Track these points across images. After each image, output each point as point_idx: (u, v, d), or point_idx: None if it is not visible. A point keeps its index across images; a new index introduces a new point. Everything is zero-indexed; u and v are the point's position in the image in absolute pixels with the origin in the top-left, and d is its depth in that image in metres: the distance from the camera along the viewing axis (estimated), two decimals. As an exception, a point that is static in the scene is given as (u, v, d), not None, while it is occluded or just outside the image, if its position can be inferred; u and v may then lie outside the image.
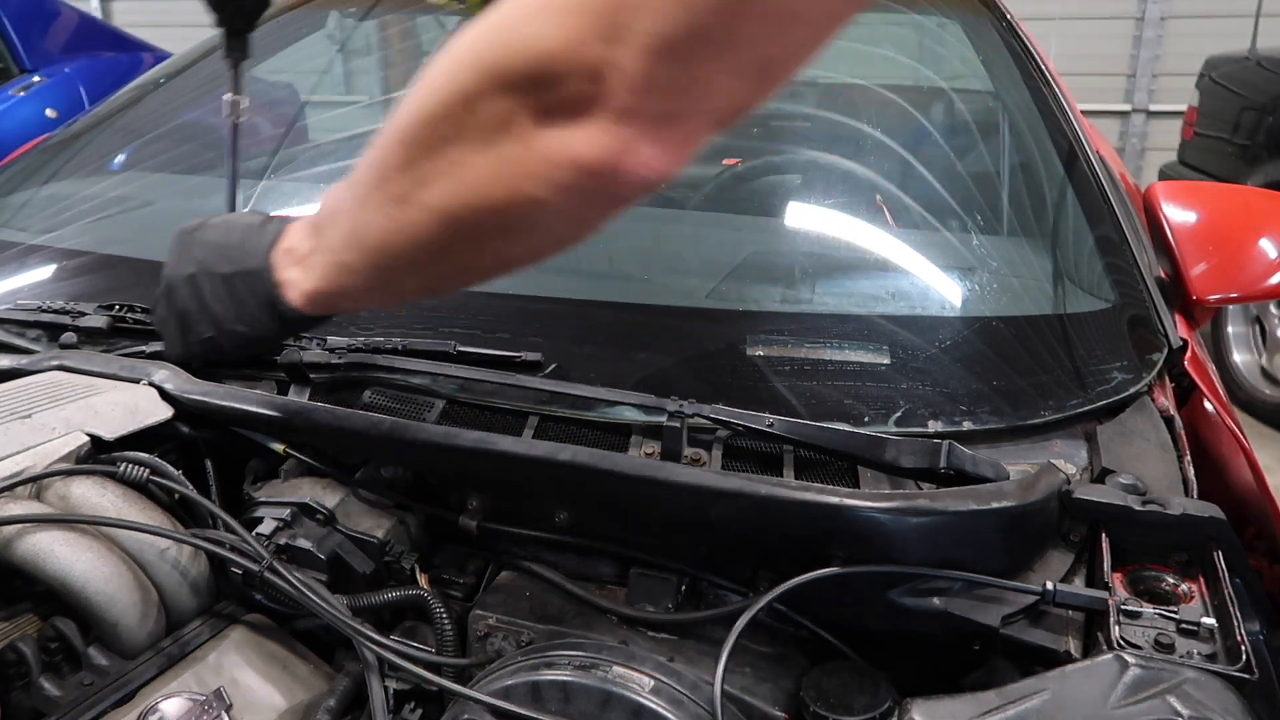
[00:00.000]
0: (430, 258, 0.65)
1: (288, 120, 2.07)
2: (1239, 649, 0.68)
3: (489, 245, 0.62)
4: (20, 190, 1.63)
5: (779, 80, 0.53)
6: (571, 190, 0.54)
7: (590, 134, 0.52)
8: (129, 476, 0.88)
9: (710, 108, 0.52)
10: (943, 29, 1.87)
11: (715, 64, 0.49)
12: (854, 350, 1.06)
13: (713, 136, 0.55)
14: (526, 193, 0.56)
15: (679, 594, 0.86)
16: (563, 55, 0.50)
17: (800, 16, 0.49)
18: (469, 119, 0.56)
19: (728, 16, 0.47)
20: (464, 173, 0.58)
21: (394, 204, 0.63)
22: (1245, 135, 3.87)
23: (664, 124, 0.52)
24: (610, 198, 0.56)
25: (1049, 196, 1.41)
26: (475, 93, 0.55)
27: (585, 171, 0.53)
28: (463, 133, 0.56)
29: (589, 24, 0.49)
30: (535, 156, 0.54)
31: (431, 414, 0.98)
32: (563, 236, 0.62)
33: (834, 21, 0.50)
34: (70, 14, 4.72)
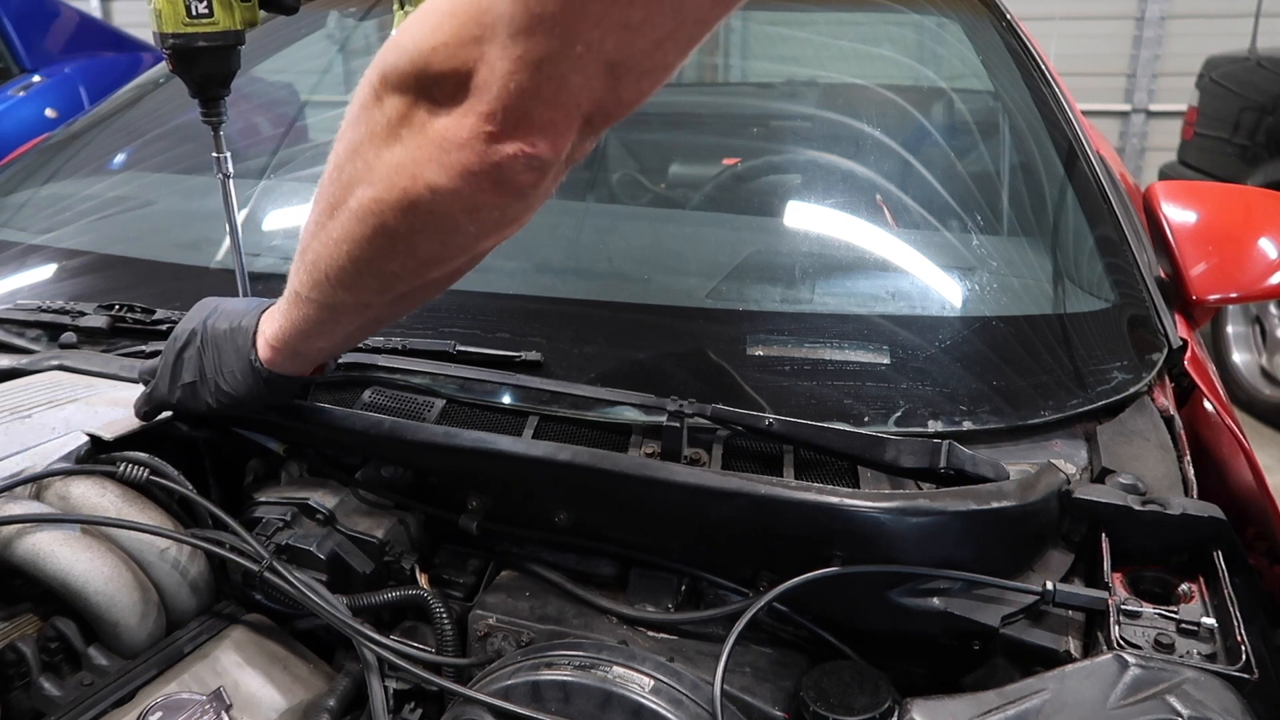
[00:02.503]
0: (358, 267, 0.71)
1: (288, 120, 2.07)
2: (1239, 649, 0.68)
3: (404, 245, 0.68)
4: (20, 190, 1.63)
5: (638, 83, 0.59)
6: (465, 174, 0.61)
7: (470, 121, 0.59)
8: (129, 476, 0.88)
9: (570, 102, 0.58)
10: (943, 29, 1.87)
11: (562, 62, 0.56)
12: (854, 350, 1.06)
13: (592, 132, 0.61)
14: (427, 179, 0.62)
15: (679, 594, 0.86)
16: (441, 54, 0.58)
17: (632, 27, 0.54)
18: (374, 118, 0.63)
19: (564, 19, 0.53)
20: (374, 168, 0.64)
21: (327, 217, 0.69)
22: (1245, 135, 3.87)
23: (531, 113, 0.58)
24: (502, 185, 0.61)
25: (1049, 196, 1.41)
26: (376, 94, 0.63)
27: (473, 154, 0.60)
28: (371, 133, 0.64)
29: (460, 26, 0.57)
30: (429, 143, 0.61)
31: (431, 414, 0.98)
32: (473, 232, 0.67)
33: (674, 36, 0.56)
34: (70, 14, 4.72)
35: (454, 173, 0.61)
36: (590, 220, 1.53)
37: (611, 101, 0.59)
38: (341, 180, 0.67)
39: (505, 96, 0.57)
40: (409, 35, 0.60)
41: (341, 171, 0.67)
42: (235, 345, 0.85)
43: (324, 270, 0.72)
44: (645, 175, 1.77)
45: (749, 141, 1.84)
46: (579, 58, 0.55)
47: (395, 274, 0.72)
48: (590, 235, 1.47)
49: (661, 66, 0.59)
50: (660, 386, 0.96)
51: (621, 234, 1.50)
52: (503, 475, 0.89)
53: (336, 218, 0.69)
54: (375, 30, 2.25)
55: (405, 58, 0.60)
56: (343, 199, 0.68)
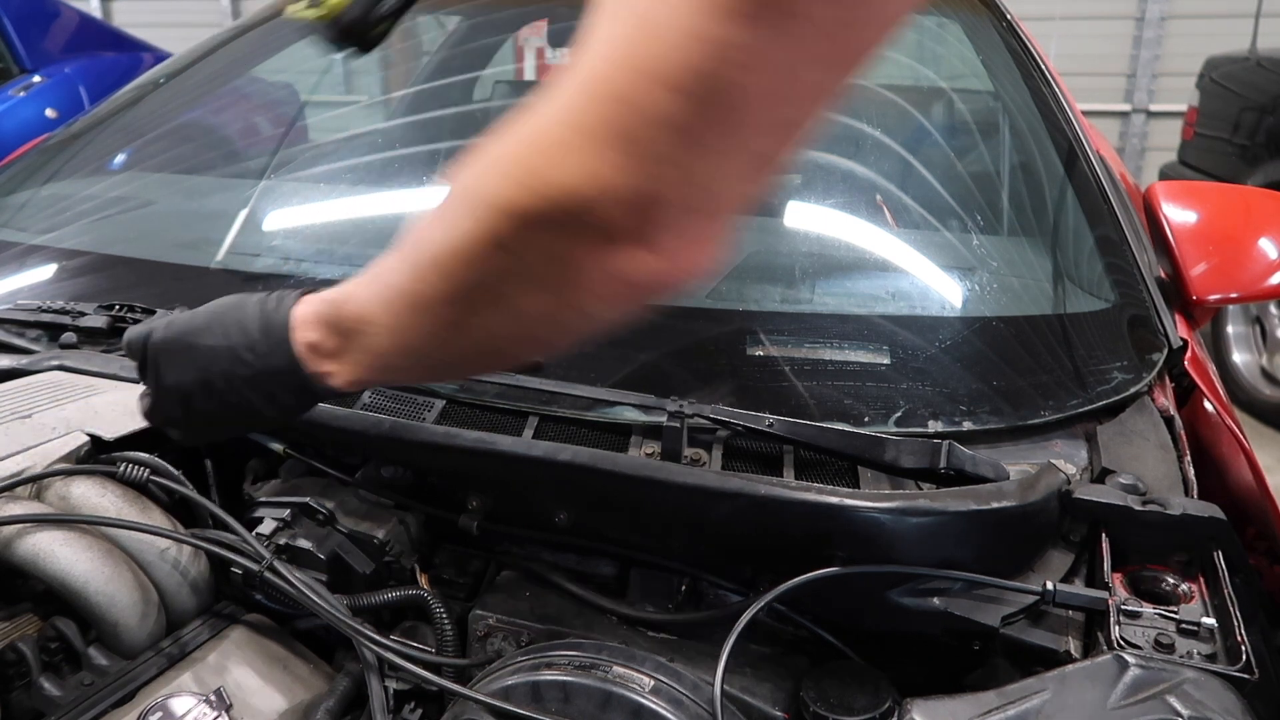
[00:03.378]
0: (484, 361, 0.72)
1: (288, 120, 2.07)
2: (1239, 649, 0.68)
3: (537, 348, 0.70)
4: (20, 190, 1.63)
5: (778, 163, 0.56)
6: (630, 304, 0.58)
7: (638, 254, 0.53)
8: (129, 476, 0.88)
9: (729, 203, 0.54)
10: (943, 29, 1.87)
11: (729, 173, 0.52)
12: (854, 350, 1.06)
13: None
14: (595, 317, 0.60)
15: (679, 594, 0.86)
16: (593, 192, 0.51)
17: (790, 124, 0.52)
18: (512, 260, 0.56)
19: (732, 128, 0.49)
20: (525, 307, 0.59)
21: (445, 329, 0.64)
22: (1245, 135, 3.87)
23: (696, 229, 0.54)
24: (655, 299, 0.58)
25: (1049, 196, 1.41)
26: (509, 234, 0.55)
27: (644, 288, 0.56)
28: (512, 273, 0.57)
29: (607, 155, 0.50)
30: (597, 286, 0.56)
31: (431, 414, 0.98)
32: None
33: (811, 113, 0.53)
34: (70, 14, 4.72)
35: (622, 306, 0.58)
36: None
37: (760, 189, 0.56)
38: (466, 306, 0.61)
39: (669, 221, 0.52)
40: (540, 175, 0.52)
41: (464, 299, 0.61)
42: (282, 384, 0.77)
43: (440, 361, 0.70)
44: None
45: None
46: (743, 165, 0.52)
47: (518, 357, 0.72)
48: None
49: (797, 143, 0.55)
50: (660, 386, 0.96)
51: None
52: (503, 475, 0.89)
53: (462, 334, 0.64)
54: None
55: (546, 199, 0.52)
56: (469, 322, 0.62)
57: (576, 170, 0.51)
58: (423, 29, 2.39)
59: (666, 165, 0.50)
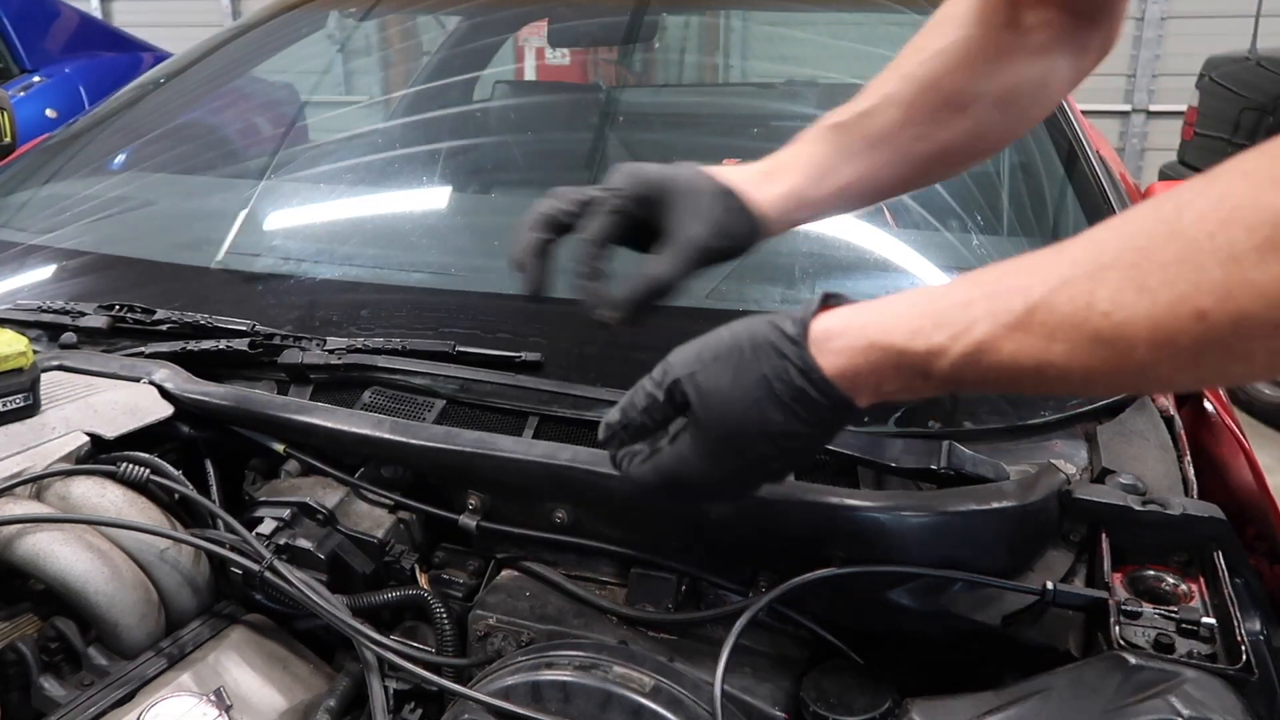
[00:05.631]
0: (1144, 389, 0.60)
1: (288, 120, 2.07)
2: (1239, 649, 0.68)
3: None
4: (20, 190, 1.63)
5: None
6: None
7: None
8: (129, 476, 0.88)
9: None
10: (943, 29, 1.86)
11: None
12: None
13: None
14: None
15: (679, 594, 0.86)
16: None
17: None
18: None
19: None
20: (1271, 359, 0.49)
21: (1141, 371, 0.52)
22: (1245, 135, 3.87)
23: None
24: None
25: (1049, 196, 1.41)
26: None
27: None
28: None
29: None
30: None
31: (431, 414, 0.98)
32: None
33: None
34: (70, 14, 4.72)
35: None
36: (590, 220, 1.53)
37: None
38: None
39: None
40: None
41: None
42: (837, 418, 0.67)
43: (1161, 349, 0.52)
44: (645, 175, 1.77)
45: (749, 142, 1.83)
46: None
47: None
48: (590, 235, 1.47)
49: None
50: (660, 386, 0.96)
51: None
52: (502, 475, 0.89)
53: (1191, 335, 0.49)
54: (375, 30, 2.26)
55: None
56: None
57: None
58: (422, 29, 2.39)
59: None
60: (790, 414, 0.65)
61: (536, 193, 1.76)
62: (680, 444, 0.69)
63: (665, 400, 0.69)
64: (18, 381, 0.91)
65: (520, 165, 1.78)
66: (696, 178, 0.82)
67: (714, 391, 0.66)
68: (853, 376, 0.63)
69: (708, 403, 0.67)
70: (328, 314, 1.18)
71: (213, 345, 1.06)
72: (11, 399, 0.90)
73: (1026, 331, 0.55)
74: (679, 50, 2.46)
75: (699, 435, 0.68)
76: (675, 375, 0.68)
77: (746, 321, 0.69)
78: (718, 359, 0.67)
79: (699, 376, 0.67)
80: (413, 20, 2.35)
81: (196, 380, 1.00)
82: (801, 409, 0.64)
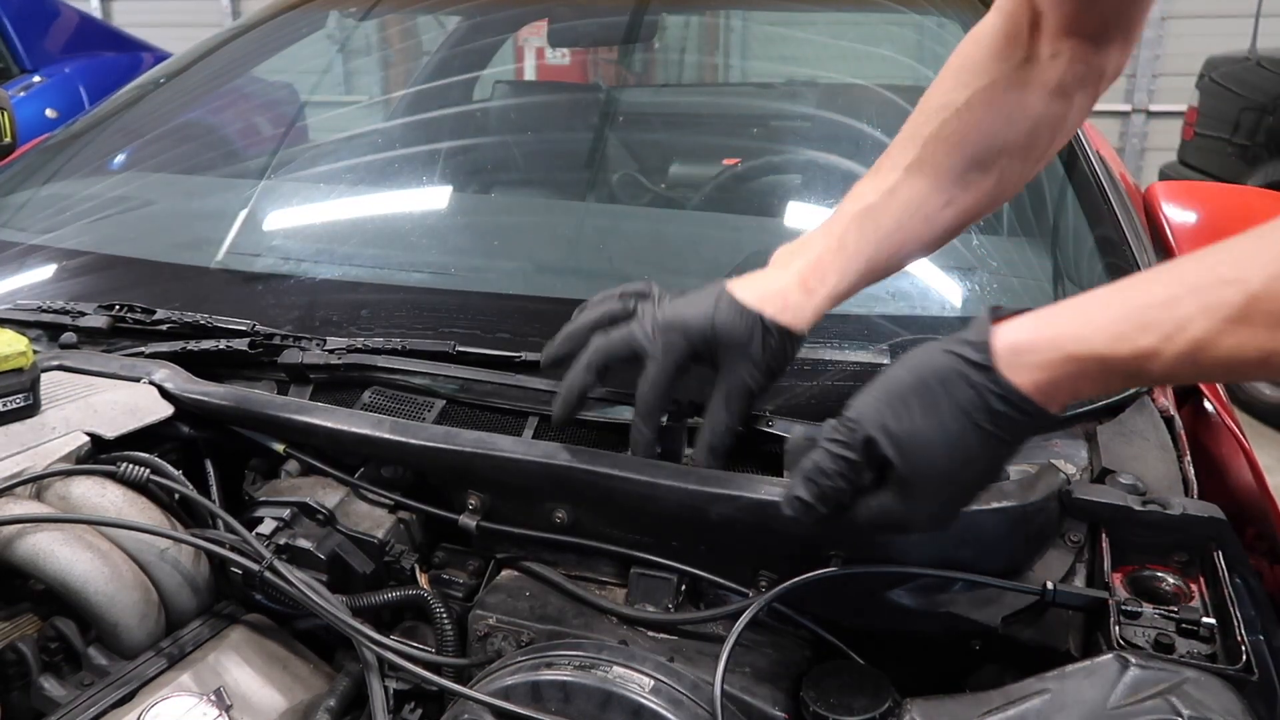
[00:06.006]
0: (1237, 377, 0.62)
1: (288, 120, 2.07)
2: (1239, 649, 0.68)
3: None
4: (20, 190, 1.63)
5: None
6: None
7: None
8: (129, 476, 0.88)
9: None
10: (942, 29, 1.86)
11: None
12: (854, 350, 1.06)
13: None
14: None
15: (679, 594, 0.86)
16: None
17: None
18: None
19: None
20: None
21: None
22: (1245, 135, 3.87)
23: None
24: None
25: (1049, 196, 1.41)
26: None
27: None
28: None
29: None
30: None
31: (431, 414, 0.98)
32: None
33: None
34: (70, 14, 4.72)
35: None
36: (590, 220, 1.53)
37: None
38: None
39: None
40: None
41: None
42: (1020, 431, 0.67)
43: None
44: (645, 175, 1.77)
45: (749, 142, 1.83)
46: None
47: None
48: (590, 235, 1.47)
49: None
50: (660, 386, 0.96)
51: (622, 234, 1.50)
52: (502, 475, 0.89)
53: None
54: (375, 30, 2.26)
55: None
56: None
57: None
58: (422, 29, 2.39)
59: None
60: (992, 439, 0.65)
61: (536, 192, 1.75)
62: (883, 497, 0.69)
63: (863, 459, 0.68)
64: (18, 381, 0.91)
65: (520, 165, 1.78)
66: (738, 321, 0.82)
67: (912, 437, 0.66)
68: (1050, 389, 0.63)
69: (908, 450, 0.66)
70: (328, 314, 1.18)
71: (213, 345, 1.06)
72: (11, 399, 0.90)
73: (1248, 324, 0.55)
74: (679, 50, 2.46)
75: (903, 485, 0.68)
76: (867, 430, 0.67)
77: (919, 356, 0.68)
78: (906, 403, 0.67)
79: (893, 426, 0.67)
80: (413, 20, 2.35)
81: (196, 380, 1.00)
82: (1003, 431, 0.65)
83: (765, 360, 0.82)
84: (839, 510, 0.70)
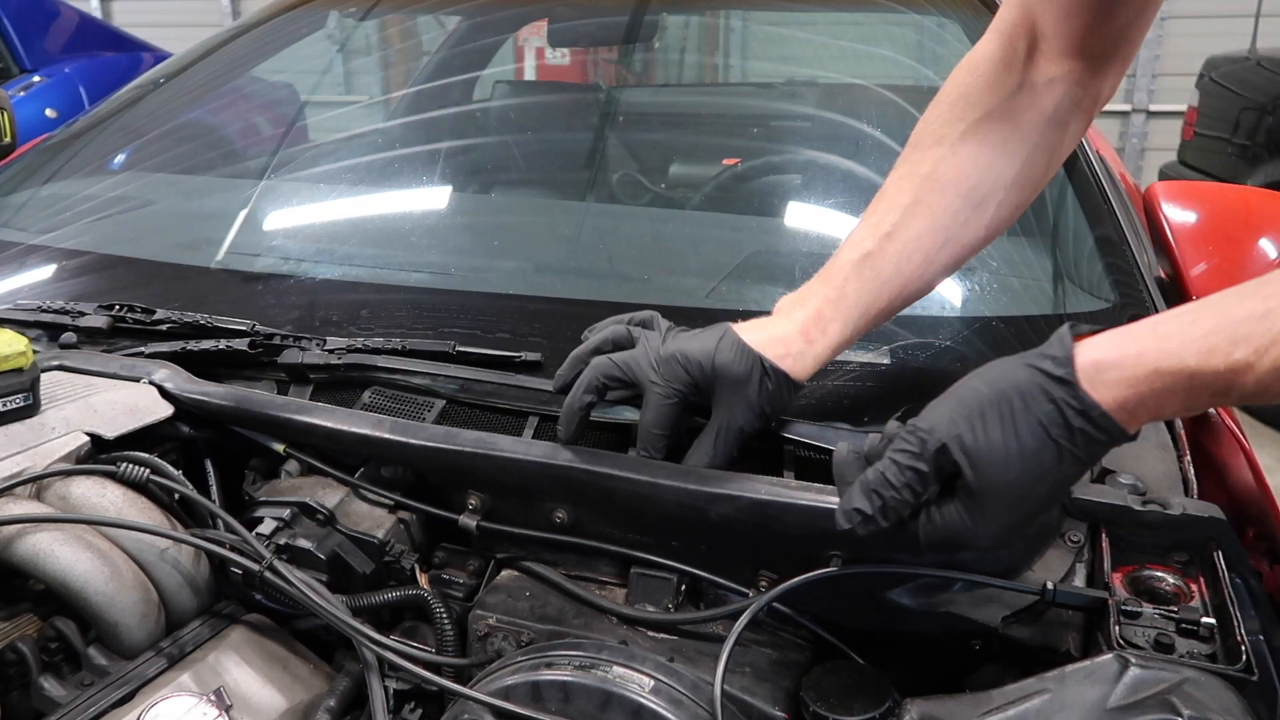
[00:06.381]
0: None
1: (288, 120, 2.07)
2: (1239, 649, 0.68)
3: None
4: (20, 190, 1.63)
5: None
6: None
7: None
8: (129, 476, 0.88)
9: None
10: (942, 29, 1.86)
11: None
12: (854, 350, 1.06)
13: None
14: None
15: (679, 594, 0.86)
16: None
17: None
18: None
19: None
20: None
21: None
22: (1245, 135, 3.87)
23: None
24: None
25: (1049, 196, 1.40)
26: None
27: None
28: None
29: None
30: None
31: (431, 414, 0.98)
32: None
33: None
34: (70, 14, 4.72)
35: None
36: (590, 220, 1.53)
37: None
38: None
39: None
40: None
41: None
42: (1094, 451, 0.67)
43: None
44: (645, 175, 1.77)
45: (749, 142, 1.83)
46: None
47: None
48: (590, 235, 1.47)
49: None
50: (660, 386, 0.96)
51: (621, 234, 1.50)
52: (502, 475, 0.89)
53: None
54: (375, 30, 2.26)
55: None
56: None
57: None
58: (423, 29, 2.39)
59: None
60: (1068, 457, 0.65)
61: (536, 192, 1.76)
62: (948, 512, 0.68)
63: (932, 471, 0.67)
64: (18, 381, 0.91)
65: (520, 165, 1.78)
66: (738, 360, 0.82)
67: (987, 450, 0.65)
68: (1133, 407, 0.63)
69: (981, 463, 0.65)
70: (328, 314, 1.18)
71: (212, 345, 1.06)
72: (11, 399, 0.90)
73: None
74: (679, 50, 2.46)
75: (971, 500, 0.67)
76: (940, 440, 0.66)
77: (998, 369, 0.68)
78: (983, 415, 0.66)
79: (966, 438, 0.66)
80: (413, 20, 2.35)
81: (196, 380, 1.00)
82: (1079, 449, 0.64)
83: (761, 403, 0.83)
84: (899, 524, 0.69)
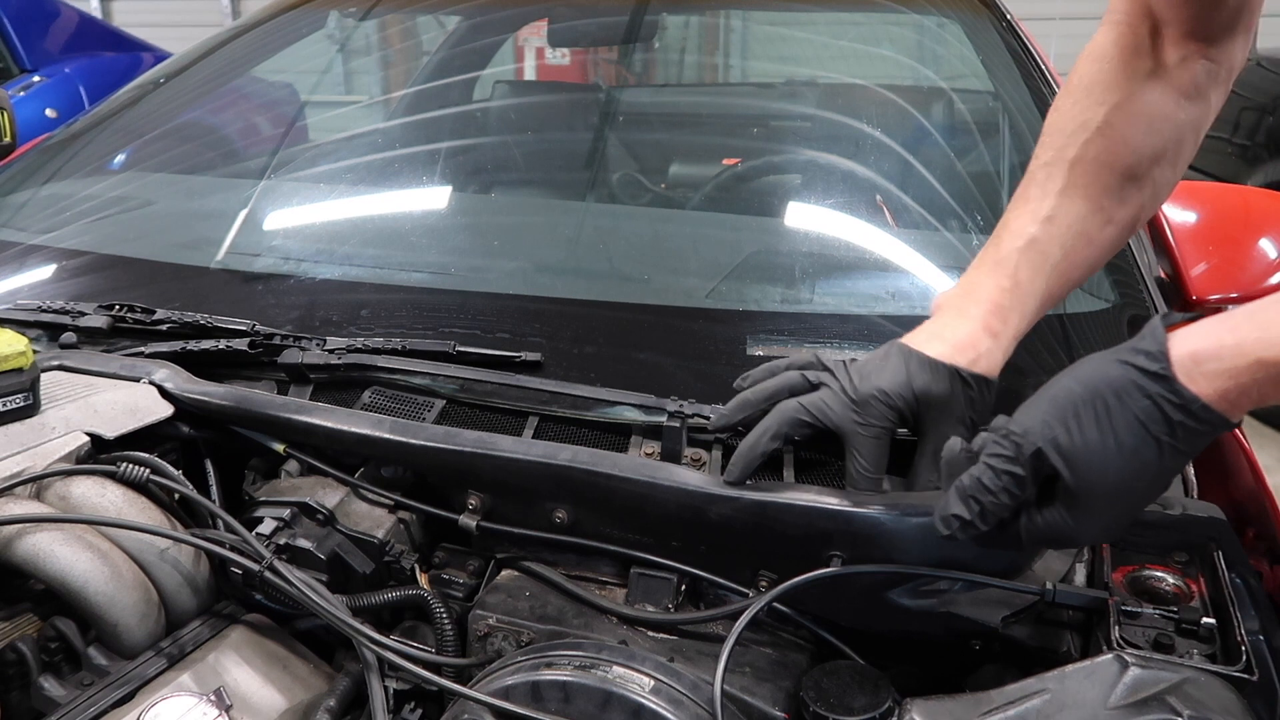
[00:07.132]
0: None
1: (288, 120, 2.07)
2: (1239, 649, 0.68)
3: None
4: (20, 190, 1.63)
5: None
6: None
7: None
8: (129, 476, 0.88)
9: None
10: (943, 29, 1.87)
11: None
12: (854, 350, 1.06)
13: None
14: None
15: (679, 594, 0.86)
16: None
17: None
18: None
19: None
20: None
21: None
22: (1245, 135, 3.87)
23: None
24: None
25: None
26: None
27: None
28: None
29: None
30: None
31: (431, 414, 0.98)
32: None
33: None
34: (70, 14, 4.72)
35: None
36: (590, 220, 1.53)
37: None
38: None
39: None
40: None
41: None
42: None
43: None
44: (645, 175, 1.77)
45: (749, 142, 1.84)
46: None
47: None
48: (590, 235, 1.47)
49: None
50: (660, 387, 0.96)
51: (621, 234, 1.50)
52: (502, 475, 0.89)
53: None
54: (375, 30, 2.26)
55: None
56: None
57: None
58: (423, 29, 2.39)
59: None
60: (1169, 451, 0.64)
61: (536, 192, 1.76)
62: (1049, 513, 0.68)
63: (1029, 474, 0.67)
64: (18, 381, 0.91)
65: (520, 165, 1.78)
66: (937, 380, 0.80)
67: (1084, 450, 0.65)
68: (1235, 397, 0.62)
69: (1079, 464, 0.65)
70: (328, 314, 1.18)
71: (213, 345, 1.06)
72: (11, 399, 0.90)
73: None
74: (679, 50, 2.46)
75: (1073, 500, 0.66)
76: (1035, 443, 0.66)
77: (1090, 366, 0.67)
78: (1077, 415, 0.65)
79: (1062, 439, 0.65)
80: (413, 20, 2.35)
81: (196, 380, 1.00)
82: (1180, 442, 0.64)
83: (968, 414, 0.81)
84: (999, 527, 0.69)
